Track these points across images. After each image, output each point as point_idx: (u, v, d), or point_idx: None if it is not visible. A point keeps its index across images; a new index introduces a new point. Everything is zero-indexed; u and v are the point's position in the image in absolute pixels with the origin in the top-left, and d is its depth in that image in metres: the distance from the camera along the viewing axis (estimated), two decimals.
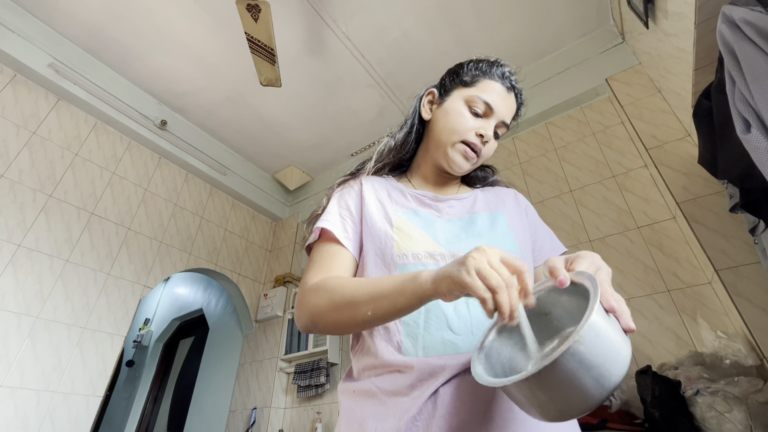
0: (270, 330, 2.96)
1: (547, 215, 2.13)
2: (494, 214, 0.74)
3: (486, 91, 0.74)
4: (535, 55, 2.52)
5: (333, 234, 0.69)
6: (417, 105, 0.83)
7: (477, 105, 0.73)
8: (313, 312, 0.60)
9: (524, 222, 0.78)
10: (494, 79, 0.75)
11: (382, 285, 0.54)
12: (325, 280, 0.62)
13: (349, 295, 0.57)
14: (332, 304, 0.58)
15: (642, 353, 1.60)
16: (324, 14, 2.24)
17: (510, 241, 0.70)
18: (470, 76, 0.77)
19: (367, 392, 0.60)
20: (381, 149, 0.83)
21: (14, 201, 2.00)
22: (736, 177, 1.08)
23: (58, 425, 1.87)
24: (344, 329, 0.59)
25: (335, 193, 0.78)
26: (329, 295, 0.59)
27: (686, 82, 1.58)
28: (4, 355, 1.80)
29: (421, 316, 0.60)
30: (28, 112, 2.19)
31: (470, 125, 0.73)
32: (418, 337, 0.59)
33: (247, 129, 3.04)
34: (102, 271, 2.25)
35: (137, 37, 2.38)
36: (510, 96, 0.76)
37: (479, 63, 0.79)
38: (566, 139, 2.29)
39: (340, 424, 0.62)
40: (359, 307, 0.55)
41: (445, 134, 0.75)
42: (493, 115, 0.74)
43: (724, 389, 1.19)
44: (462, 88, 0.77)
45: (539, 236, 0.79)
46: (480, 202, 0.78)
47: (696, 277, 1.61)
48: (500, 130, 0.76)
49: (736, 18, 0.89)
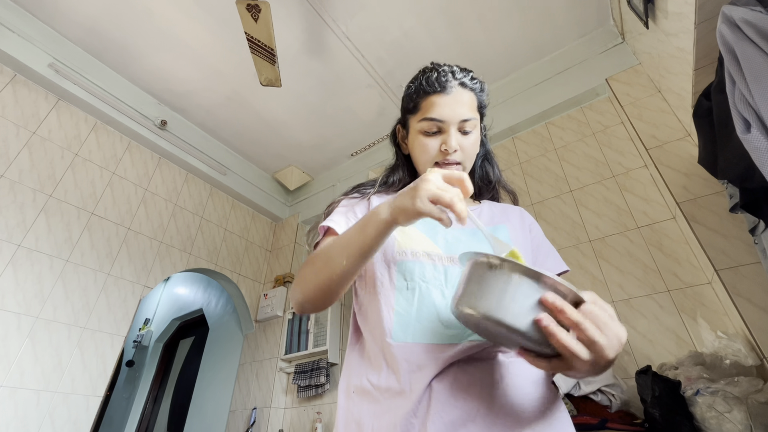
0: (270, 330, 2.96)
1: (547, 215, 2.13)
2: (497, 227, 0.76)
3: (428, 109, 0.74)
4: (535, 55, 2.52)
5: (335, 230, 0.71)
6: (396, 147, 0.88)
7: (429, 128, 0.74)
8: (300, 283, 0.65)
9: (527, 238, 0.78)
10: (430, 93, 0.74)
11: (348, 233, 0.61)
12: (308, 258, 0.67)
13: (324, 254, 0.63)
14: (314, 269, 0.63)
15: (642, 353, 1.60)
16: (324, 14, 2.24)
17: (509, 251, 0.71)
18: (412, 103, 0.78)
19: (362, 390, 0.62)
20: (383, 181, 0.85)
21: (14, 201, 2.00)
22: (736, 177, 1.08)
23: (58, 425, 1.87)
24: (327, 290, 0.62)
25: (341, 202, 0.81)
26: (311, 263, 0.65)
27: (686, 82, 1.58)
28: (4, 355, 1.80)
29: (413, 307, 0.63)
30: (28, 112, 2.19)
31: (432, 149, 0.74)
32: (409, 325, 0.62)
33: (247, 129, 3.04)
34: (102, 271, 2.25)
35: (137, 37, 2.38)
36: (454, 94, 0.74)
37: (411, 86, 0.79)
38: (566, 139, 2.29)
39: (338, 424, 0.63)
40: (334, 260, 0.60)
41: (420, 165, 0.78)
42: (447, 124, 0.73)
43: (724, 389, 1.19)
44: (412, 117, 0.78)
45: (541, 253, 0.78)
46: (485, 215, 0.80)
47: (696, 277, 1.61)
48: (468, 126, 0.74)
49: (736, 18, 0.89)
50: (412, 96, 0.78)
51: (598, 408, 1.42)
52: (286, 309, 2.97)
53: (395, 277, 0.66)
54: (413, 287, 0.65)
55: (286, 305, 2.98)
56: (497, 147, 2.56)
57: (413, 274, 0.66)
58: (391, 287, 0.66)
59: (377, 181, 0.85)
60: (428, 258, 0.67)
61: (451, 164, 0.74)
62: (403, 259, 0.67)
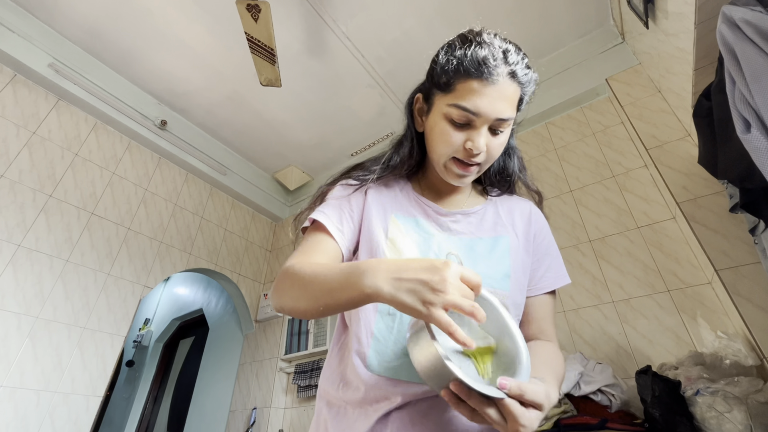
0: (270, 330, 2.96)
1: (547, 215, 2.12)
2: (497, 238, 0.70)
3: (464, 95, 0.61)
4: (535, 55, 2.52)
5: (326, 226, 0.66)
6: (408, 119, 0.75)
7: (458, 117, 0.62)
8: (279, 296, 0.61)
9: (529, 248, 0.73)
10: (471, 77, 0.61)
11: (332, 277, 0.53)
12: (293, 265, 0.60)
13: (306, 284, 0.56)
14: (292, 291, 0.58)
15: (642, 353, 1.60)
16: (324, 14, 2.24)
17: (503, 269, 0.66)
18: (444, 79, 0.64)
19: (332, 399, 0.63)
20: (385, 163, 0.75)
21: (14, 201, 2.00)
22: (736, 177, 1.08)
23: (58, 425, 1.87)
24: (303, 316, 0.58)
25: (337, 189, 0.75)
26: (290, 283, 0.59)
27: (686, 82, 1.58)
28: (4, 355, 1.80)
29: (392, 335, 0.60)
30: (28, 112, 2.19)
31: (456, 141, 0.64)
32: (385, 355, 0.59)
33: (247, 129, 3.04)
34: (102, 271, 2.25)
35: (137, 37, 2.38)
36: (499, 85, 0.61)
37: (450, 59, 0.64)
38: (566, 139, 2.29)
39: (312, 426, 0.66)
40: (314, 301, 0.54)
41: (435, 154, 0.68)
42: (481, 120, 0.62)
43: (724, 389, 1.19)
44: (441, 95, 0.66)
45: (544, 264, 0.73)
46: (488, 220, 0.73)
47: (696, 277, 1.61)
48: (501, 127, 0.64)
49: (736, 18, 0.89)
50: (447, 70, 0.63)
51: (598, 408, 1.42)
52: None
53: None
54: (394, 313, 0.61)
55: None
56: None
57: None
58: (372, 309, 0.62)
59: (379, 163, 0.75)
60: None
61: (471, 166, 0.66)
62: None
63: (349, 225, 0.69)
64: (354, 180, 0.75)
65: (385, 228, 0.68)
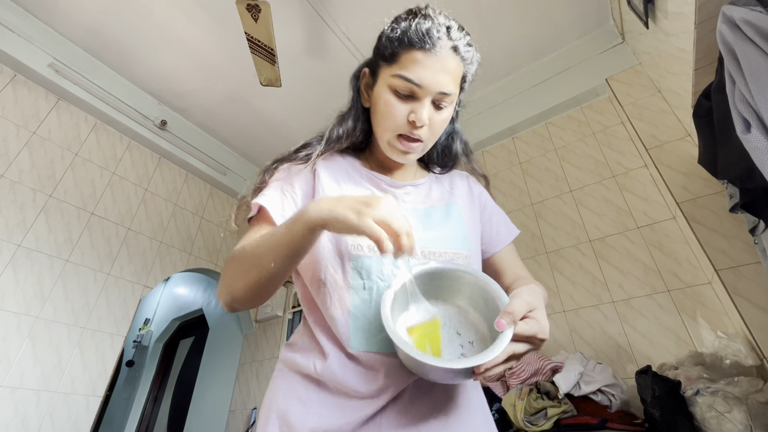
0: (270, 330, 2.96)
1: (547, 215, 2.13)
2: (449, 204, 0.73)
3: (407, 66, 0.62)
4: (535, 55, 2.52)
5: (269, 214, 0.64)
6: (354, 92, 0.75)
7: (401, 88, 0.62)
8: (227, 284, 0.58)
9: (475, 210, 0.76)
10: (414, 47, 0.61)
11: (277, 231, 0.54)
12: (234, 251, 0.60)
13: (250, 253, 0.56)
14: (240, 268, 0.56)
15: (642, 353, 1.60)
16: (324, 14, 2.24)
17: (461, 232, 0.69)
18: (389, 50, 0.65)
19: (311, 375, 0.58)
20: (329, 136, 0.74)
21: (14, 201, 2.00)
22: (736, 177, 1.08)
23: (58, 425, 1.87)
24: (257, 292, 0.56)
25: (280, 172, 0.71)
26: (237, 260, 0.58)
27: (686, 82, 1.58)
28: (4, 355, 1.80)
29: (370, 310, 0.58)
30: (28, 112, 2.19)
31: (399, 115, 0.64)
32: (368, 332, 0.58)
33: (247, 129, 3.04)
34: (102, 271, 2.25)
35: (137, 37, 2.38)
36: (441, 58, 0.62)
37: (394, 29, 0.65)
38: (566, 139, 2.29)
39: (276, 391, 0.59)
40: (262, 261, 0.54)
41: (380, 130, 0.68)
42: (424, 91, 0.62)
43: (724, 389, 1.19)
44: (386, 66, 0.66)
45: (494, 222, 0.78)
46: (435, 191, 0.76)
47: (696, 277, 1.61)
48: (445, 101, 0.64)
49: (736, 18, 0.89)
50: (392, 41, 0.65)
51: (598, 408, 1.42)
52: (286, 309, 2.97)
53: (350, 275, 0.60)
54: (370, 286, 0.59)
55: (286, 305, 2.98)
56: (497, 147, 2.56)
57: (370, 272, 0.60)
58: (345, 286, 0.60)
59: (323, 137, 0.74)
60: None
61: (414, 141, 0.66)
62: (358, 254, 0.61)
63: (291, 208, 0.66)
64: (298, 161, 0.73)
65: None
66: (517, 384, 1.59)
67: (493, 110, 2.60)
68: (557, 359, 1.64)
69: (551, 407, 1.43)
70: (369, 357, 0.56)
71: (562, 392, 1.45)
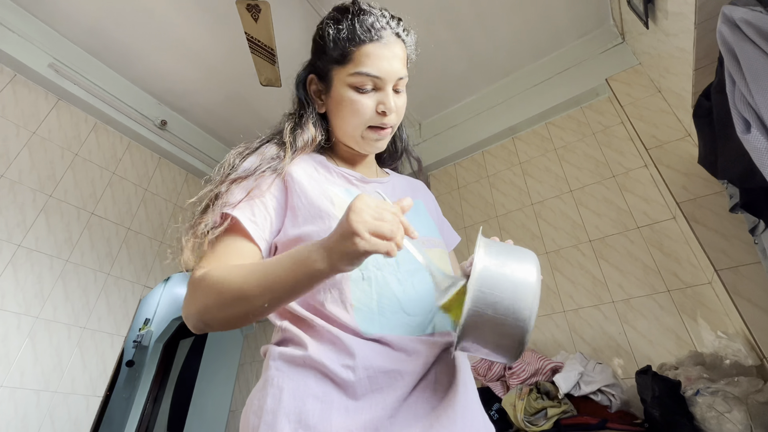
0: (270, 330, 2.96)
1: (547, 215, 2.13)
2: (417, 201, 0.75)
3: (363, 62, 0.64)
4: (535, 55, 2.52)
5: (242, 224, 0.60)
6: (304, 99, 0.74)
7: (363, 84, 0.64)
8: (201, 311, 0.53)
9: (434, 214, 0.81)
10: (365, 42, 0.64)
11: (273, 272, 0.50)
12: (208, 273, 0.54)
13: (237, 288, 0.51)
14: (220, 300, 0.52)
15: (642, 353, 1.60)
16: (324, 14, 2.24)
17: (432, 224, 0.74)
18: (339, 51, 0.66)
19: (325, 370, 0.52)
20: (295, 143, 0.69)
21: (14, 201, 2.00)
22: (736, 177, 1.08)
23: (58, 425, 1.87)
24: (239, 323, 0.54)
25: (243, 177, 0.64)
26: (216, 290, 0.52)
27: (686, 82, 1.58)
28: (4, 355, 1.80)
29: (373, 301, 0.57)
30: (28, 112, 2.19)
31: (367, 109, 0.65)
32: (374, 320, 0.56)
33: (247, 129, 3.03)
34: (102, 272, 2.25)
35: (137, 37, 2.38)
36: (390, 45, 0.65)
37: (339, 28, 0.66)
38: (566, 139, 2.29)
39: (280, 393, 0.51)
40: (252, 300, 0.50)
41: (349, 128, 0.69)
42: (384, 81, 0.65)
43: (724, 389, 1.19)
44: (339, 68, 0.67)
45: (444, 228, 0.83)
46: (399, 189, 0.79)
47: (696, 277, 1.61)
48: (401, 84, 0.68)
49: (736, 18, 0.89)
50: (339, 42, 0.66)
51: (598, 408, 1.42)
52: None
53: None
54: (369, 276, 0.58)
55: None
56: (497, 147, 2.56)
57: (366, 262, 0.59)
58: (344, 279, 0.58)
59: (286, 145, 0.68)
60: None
61: (386, 128, 0.68)
62: None
63: (263, 215, 0.62)
64: (265, 166, 0.66)
65: (328, 198, 0.64)
66: (517, 384, 1.59)
67: (493, 110, 2.60)
68: (557, 359, 1.64)
69: (551, 407, 1.43)
70: (384, 339, 0.55)
71: (562, 392, 1.45)
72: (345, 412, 0.49)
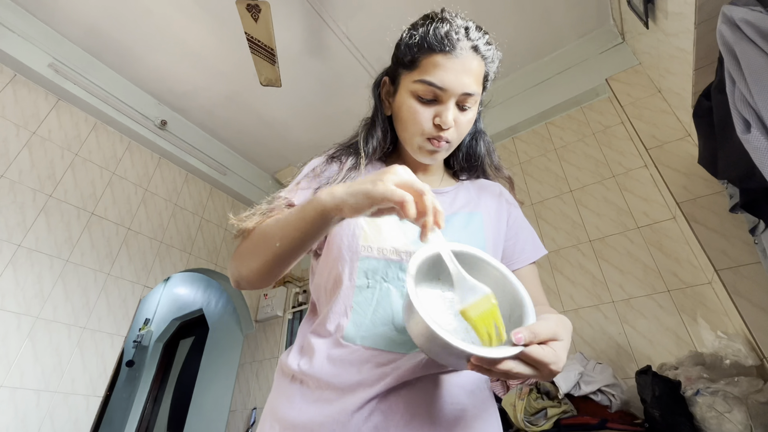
0: (270, 330, 2.96)
1: (547, 215, 2.13)
2: (472, 213, 0.71)
3: (429, 70, 0.62)
4: (535, 55, 2.52)
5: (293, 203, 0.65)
6: (376, 101, 0.76)
7: (425, 93, 0.63)
8: (236, 258, 0.62)
9: (502, 224, 0.74)
10: (435, 51, 0.62)
11: (289, 213, 0.56)
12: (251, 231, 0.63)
13: (260, 233, 0.59)
14: (251, 246, 0.60)
15: (642, 353, 1.60)
16: (324, 14, 2.24)
17: (479, 242, 0.67)
18: (409, 56, 0.65)
19: (295, 374, 0.60)
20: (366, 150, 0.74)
21: (14, 201, 2.00)
22: (736, 177, 1.08)
23: (58, 425, 1.87)
24: (263, 272, 0.59)
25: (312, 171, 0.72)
26: (248, 240, 0.61)
27: (686, 82, 1.58)
28: (4, 355, 1.80)
29: (370, 307, 0.59)
30: (28, 112, 2.19)
31: (424, 119, 0.64)
32: (362, 326, 0.58)
33: (247, 129, 3.04)
34: (102, 271, 2.25)
35: (137, 37, 2.38)
36: (462, 59, 0.62)
37: (413, 35, 0.66)
38: (566, 139, 2.29)
39: (271, 394, 0.63)
40: (269, 241, 0.56)
41: (407, 135, 0.68)
42: (448, 94, 0.63)
43: (724, 389, 1.19)
44: (406, 73, 0.67)
45: (521, 238, 0.75)
46: (461, 199, 0.74)
47: (696, 277, 1.60)
48: (469, 101, 0.65)
49: (736, 18, 0.89)
50: (411, 47, 0.65)
51: (598, 408, 1.42)
52: (286, 309, 2.97)
53: (356, 274, 0.60)
54: (374, 286, 0.60)
55: (286, 305, 2.98)
56: (497, 147, 2.56)
57: (376, 273, 0.60)
58: (350, 285, 0.60)
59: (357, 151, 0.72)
60: (395, 254, 0.61)
61: (442, 141, 0.66)
62: (368, 255, 0.61)
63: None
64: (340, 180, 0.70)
65: None
66: (517, 384, 1.59)
67: (493, 110, 2.60)
68: None
69: (551, 407, 1.43)
70: (360, 352, 0.57)
71: (562, 392, 1.45)
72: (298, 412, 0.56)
